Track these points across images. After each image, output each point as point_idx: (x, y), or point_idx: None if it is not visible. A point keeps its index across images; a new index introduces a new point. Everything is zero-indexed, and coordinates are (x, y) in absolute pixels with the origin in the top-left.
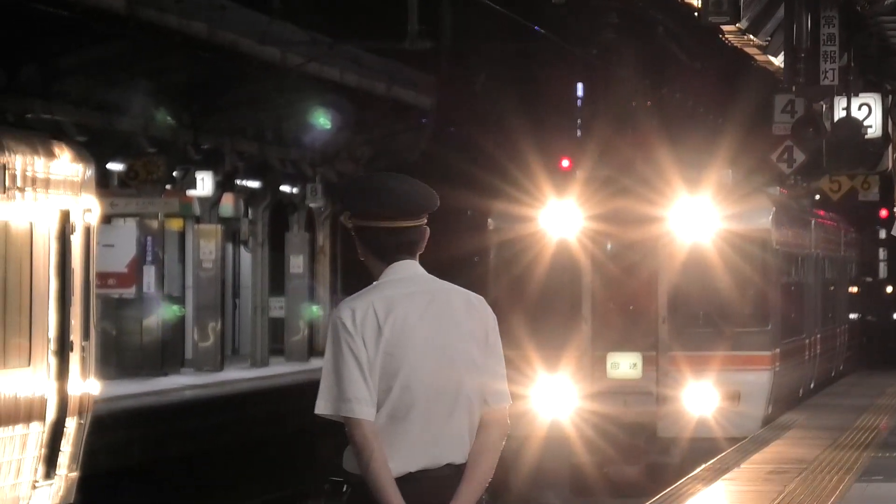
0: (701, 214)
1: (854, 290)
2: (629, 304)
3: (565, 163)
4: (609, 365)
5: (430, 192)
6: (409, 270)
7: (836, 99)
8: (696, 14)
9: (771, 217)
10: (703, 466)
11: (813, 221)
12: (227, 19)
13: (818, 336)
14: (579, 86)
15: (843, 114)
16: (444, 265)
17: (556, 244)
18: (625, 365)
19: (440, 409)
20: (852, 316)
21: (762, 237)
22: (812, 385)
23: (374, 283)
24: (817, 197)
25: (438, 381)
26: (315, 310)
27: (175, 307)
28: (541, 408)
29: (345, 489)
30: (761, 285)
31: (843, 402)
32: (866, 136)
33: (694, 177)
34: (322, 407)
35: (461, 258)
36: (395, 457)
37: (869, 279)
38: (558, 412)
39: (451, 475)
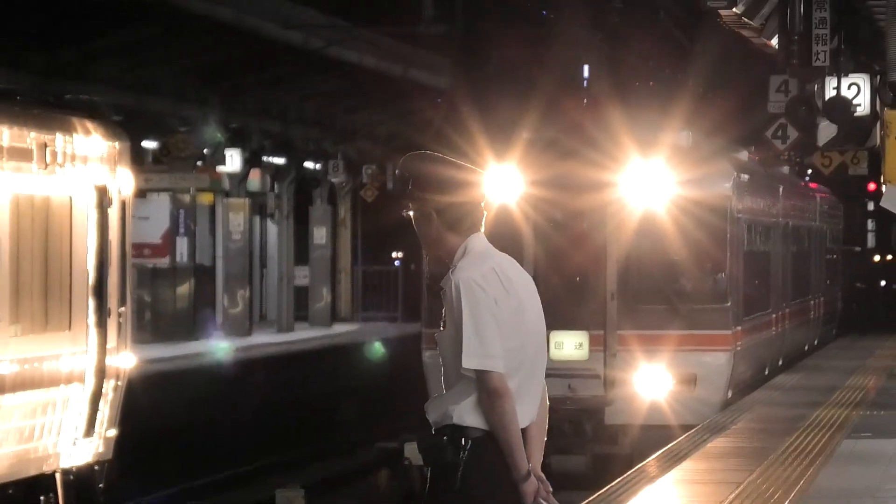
0: (654, 179)
1: (833, 258)
2: (575, 278)
3: None
4: (552, 345)
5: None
6: (485, 242)
7: (828, 79)
8: None
9: (731, 182)
10: (660, 452)
11: (781, 188)
12: (252, 5)
13: (787, 310)
14: (585, 67)
15: (834, 93)
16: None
17: (496, 212)
18: (570, 345)
19: (538, 370)
20: (830, 286)
21: (721, 204)
22: (780, 362)
23: (467, 253)
24: (809, 171)
25: (539, 342)
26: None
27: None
28: None
29: (464, 442)
30: (720, 257)
31: (835, 364)
32: (855, 114)
33: (648, 139)
34: (468, 362)
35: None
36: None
37: (858, 248)
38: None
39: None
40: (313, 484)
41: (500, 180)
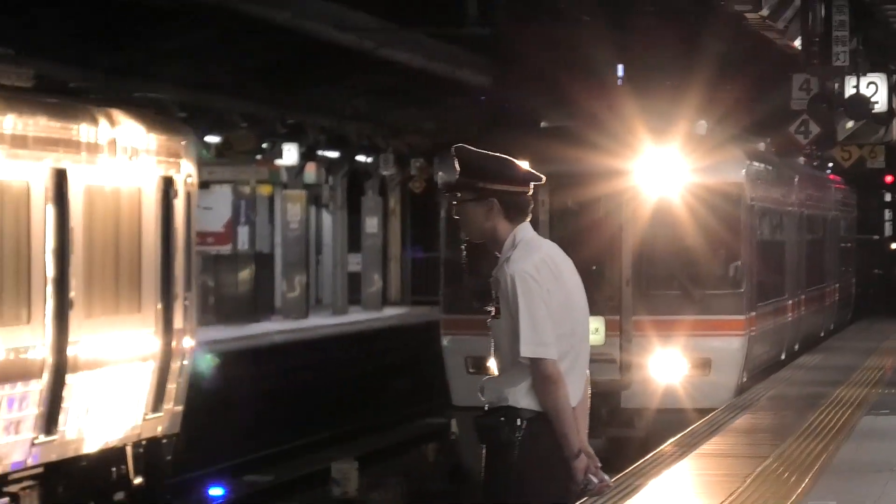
0: (668, 167)
1: (847, 247)
2: (590, 265)
3: None
4: None
5: None
6: (531, 231)
7: (847, 78)
8: (721, 3)
9: (745, 170)
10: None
11: (797, 177)
12: (308, 8)
13: (802, 297)
14: (619, 67)
15: (853, 91)
16: None
17: None
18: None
19: (585, 351)
20: (845, 273)
21: (735, 191)
22: (797, 347)
23: (517, 243)
24: (830, 164)
25: (585, 325)
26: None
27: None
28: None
29: (519, 423)
30: (734, 244)
31: (854, 346)
32: (873, 111)
33: (662, 127)
34: (525, 351)
35: None
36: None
37: (875, 237)
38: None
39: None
40: (365, 456)
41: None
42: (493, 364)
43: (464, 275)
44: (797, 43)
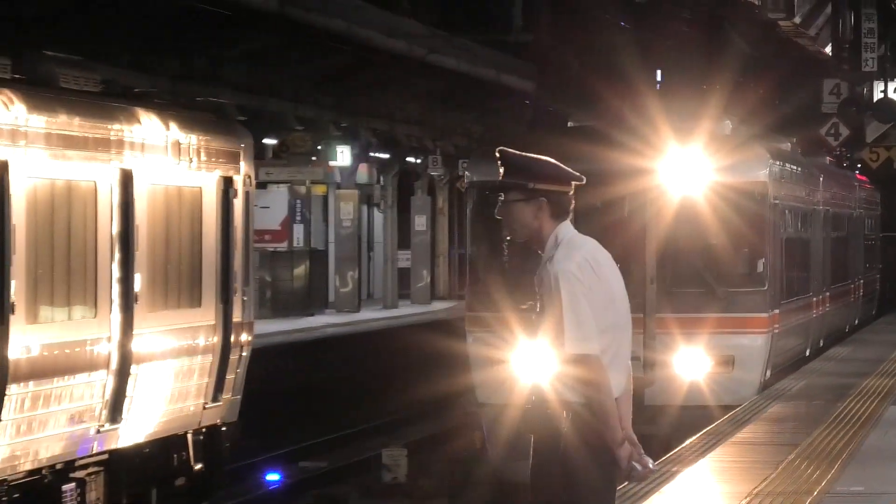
0: (692, 166)
1: (871, 244)
2: (615, 263)
3: None
4: None
5: None
6: (572, 230)
7: (875, 83)
8: (756, 10)
9: (768, 169)
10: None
11: (822, 176)
12: (361, 17)
13: (827, 294)
14: (658, 72)
15: (882, 95)
16: None
17: None
18: None
19: (627, 343)
20: (869, 270)
21: (758, 190)
22: (822, 343)
23: (560, 242)
24: (859, 165)
25: (626, 318)
26: None
27: None
28: (520, 374)
29: (565, 414)
30: (757, 242)
31: (881, 338)
32: None
33: (686, 127)
34: (570, 347)
35: None
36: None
37: None
38: (539, 379)
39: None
40: (415, 443)
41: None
42: (526, 359)
43: (489, 273)
44: (828, 49)
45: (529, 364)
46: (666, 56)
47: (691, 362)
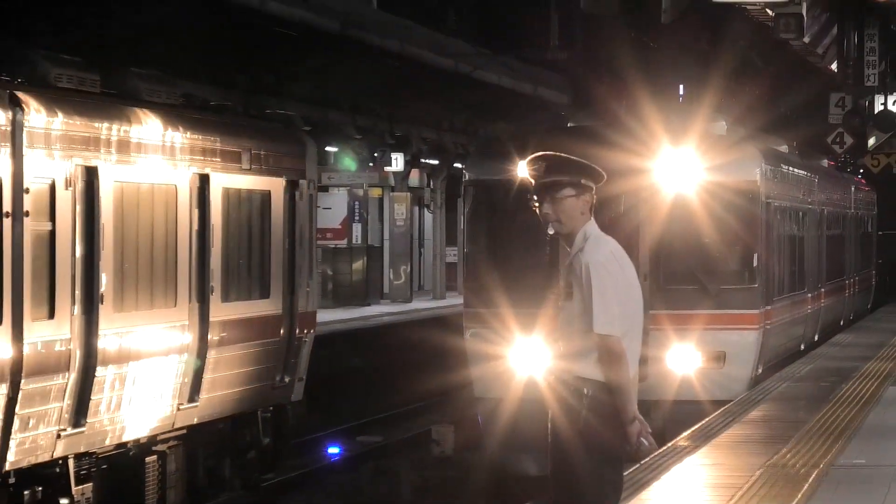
0: (685, 165)
1: (867, 242)
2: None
3: None
4: None
5: None
6: (597, 227)
7: (876, 96)
8: (770, 30)
9: (759, 168)
10: (718, 411)
11: (817, 178)
12: (414, 36)
13: (822, 290)
14: (681, 87)
15: (882, 108)
16: None
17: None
18: None
19: (640, 332)
20: (864, 267)
21: (749, 189)
22: (816, 337)
23: (588, 236)
24: (861, 170)
25: (641, 313)
26: None
27: None
28: (516, 369)
29: (586, 391)
30: (749, 240)
31: (882, 326)
32: None
33: (679, 127)
34: (597, 328)
35: None
36: None
37: None
38: (534, 373)
39: None
40: (461, 420)
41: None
42: (522, 354)
43: (486, 271)
44: (834, 66)
45: (525, 359)
46: (688, 71)
47: (683, 358)
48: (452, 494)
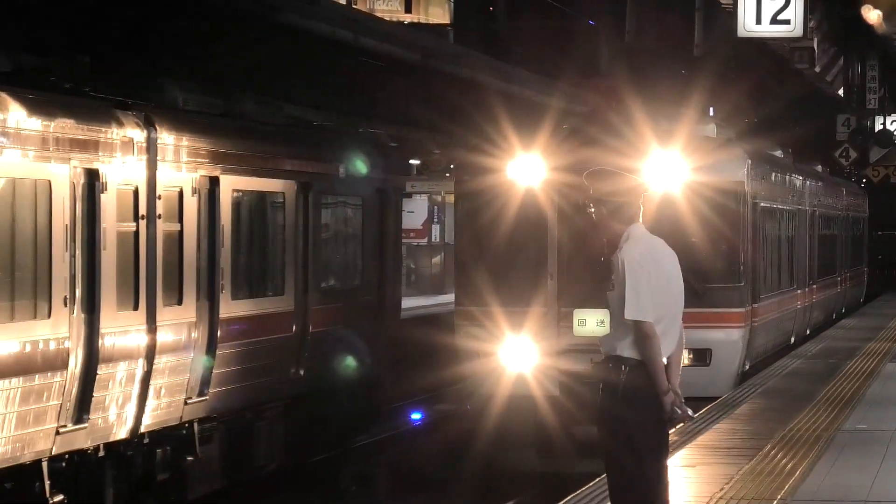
0: (672, 165)
1: (860, 241)
2: (596, 260)
3: None
4: (576, 322)
5: None
6: (643, 229)
7: (877, 117)
8: (786, 61)
9: (745, 169)
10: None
11: (808, 181)
12: (482, 66)
13: (813, 286)
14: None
15: (881, 127)
16: None
17: (522, 197)
18: (592, 322)
19: (674, 320)
20: (857, 263)
21: (735, 189)
22: (808, 331)
23: (631, 237)
24: (864, 180)
25: (677, 302)
26: None
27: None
28: (505, 366)
29: (624, 368)
30: (734, 240)
31: (882, 311)
32: (895, 142)
33: (667, 128)
34: (629, 315)
35: None
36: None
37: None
38: (523, 371)
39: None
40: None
41: (525, 166)
42: (511, 352)
43: (476, 271)
44: (840, 91)
45: (514, 356)
46: (717, 96)
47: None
48: (440, 489)
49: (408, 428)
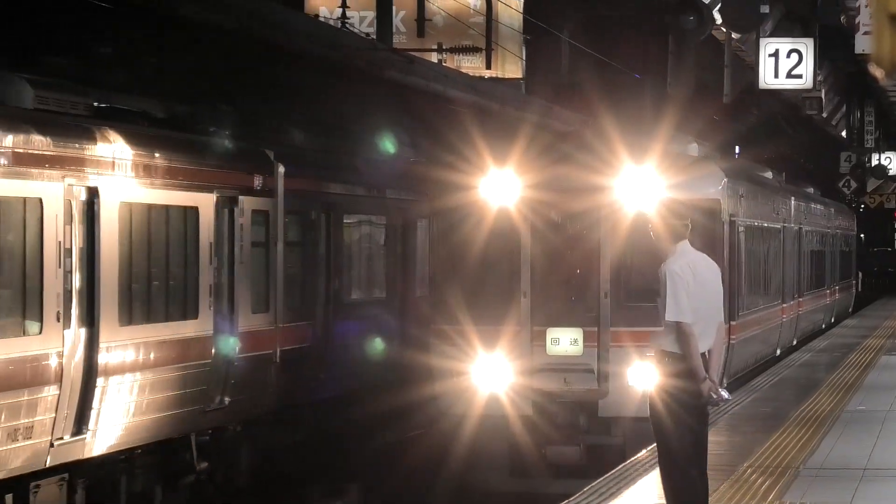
0: (646, 183)
1: (848, 256)
2: (570, 277)
3: None
4: (549, 340)
5: None
6: (688, 246)
7: (873, 154)
8: (796, 106)
9: (721, 186)
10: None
11: (796, 200)
12: (524, 103)
13: (800, 300)
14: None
15: (877, 162)
16: None
17: (495, 214)
18: (565, 340)
19: (711, 321)
20: (845, 276)
21: (711, 207)
22: (795, 342)
23: (676, 252)
24: (863, 206)
25: (713, 305)
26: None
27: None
28: (478, 385)
29: (668, 359)
30: (711, 257)
31: (878, 314)
32: (888, 174)
33: (642, 145)
34: (669, 315)
35: None
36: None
37: (889, 249)
38: (496, 390)
39: (704, 356)
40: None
41: (498, 184)
42: (484, 371)
43: (451, 291)
44: (843, 133)
45: (487, 375)
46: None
47: (644, 374)
48: None
49: (378, 447)
